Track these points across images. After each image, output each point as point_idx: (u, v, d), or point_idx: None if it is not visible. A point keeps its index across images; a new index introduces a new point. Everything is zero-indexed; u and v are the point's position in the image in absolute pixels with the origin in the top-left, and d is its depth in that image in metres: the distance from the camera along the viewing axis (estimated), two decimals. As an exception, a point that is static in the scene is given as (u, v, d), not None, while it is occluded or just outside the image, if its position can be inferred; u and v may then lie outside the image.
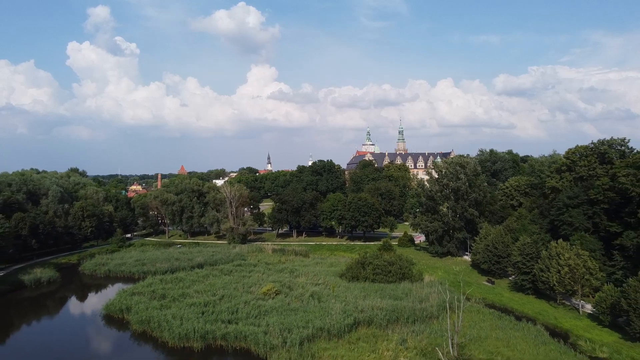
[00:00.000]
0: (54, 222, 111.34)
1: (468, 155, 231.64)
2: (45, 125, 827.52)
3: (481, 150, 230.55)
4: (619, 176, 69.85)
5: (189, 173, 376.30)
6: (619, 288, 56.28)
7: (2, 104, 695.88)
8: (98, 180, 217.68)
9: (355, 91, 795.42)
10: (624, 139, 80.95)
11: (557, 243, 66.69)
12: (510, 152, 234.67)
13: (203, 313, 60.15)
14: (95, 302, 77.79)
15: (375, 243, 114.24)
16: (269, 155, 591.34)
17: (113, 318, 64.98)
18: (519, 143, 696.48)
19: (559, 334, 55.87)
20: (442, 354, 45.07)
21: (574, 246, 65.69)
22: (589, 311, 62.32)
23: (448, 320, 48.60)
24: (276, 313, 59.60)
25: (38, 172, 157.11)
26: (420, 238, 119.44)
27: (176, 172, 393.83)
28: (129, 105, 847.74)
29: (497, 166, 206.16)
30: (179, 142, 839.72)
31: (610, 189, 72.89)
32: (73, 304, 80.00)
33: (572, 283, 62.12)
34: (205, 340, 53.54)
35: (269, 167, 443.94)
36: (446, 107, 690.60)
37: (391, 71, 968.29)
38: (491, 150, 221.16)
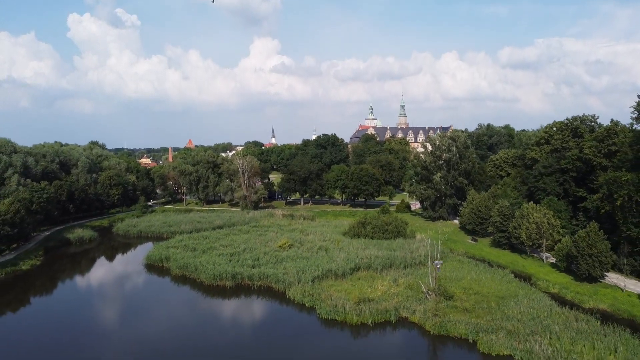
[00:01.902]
0: (86, 189, 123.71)
1: (467, 129, 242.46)
2: (48, 98, 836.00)
3: (479, 125, 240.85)
4: (584, 148, 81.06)
5: (196, 147, 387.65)
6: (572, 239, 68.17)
7: (4, 77, 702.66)
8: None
9: (358, 64, 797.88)
10: (594, 115, 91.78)
11: (528, 205, 78.55)
12: (507, 127, 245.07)
13: (230, 260, 72.78)
14: (135, 255, 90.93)
15: (376, 210, 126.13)
16: (273, 129, 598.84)
17: (154, 266, 77.78)
18: (523, 117, 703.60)
19: (523, 277, 68.02)
20: (424, 286, 57.47)
21: (542, 207, 77.45)
22: (552, 261, 74.46)
23: (429, 260, 60.68)
24: (291, 260, 72.11)
25: (62, 145, 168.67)
26: (416, 205, 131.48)
27: (181, 146, 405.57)
28: (131, 78, 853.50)
29: (493, 140, 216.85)
30: (182, 116, 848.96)
31: (578, 159, 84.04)
32: (117, 257, 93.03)
33: (537, 237, 74.15)
34: (235, 279, 66.16)
35: (273, 141, 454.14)
36: (450, 81, 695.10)
37: (395, 43, 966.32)
38: (488, 125, 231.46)
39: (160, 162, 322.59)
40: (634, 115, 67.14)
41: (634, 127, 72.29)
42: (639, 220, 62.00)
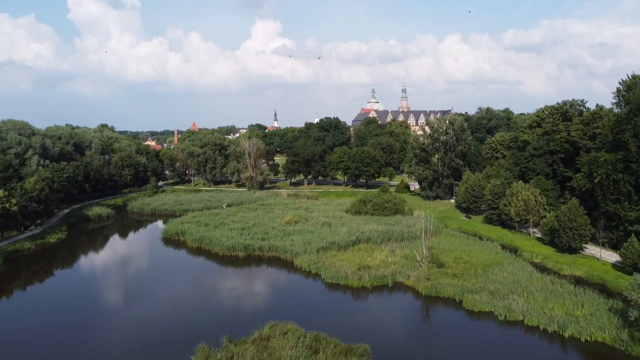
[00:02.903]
0: (101, 170, 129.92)
1: (467, 112, 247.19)
2: (49, 81, 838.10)
3: (480, 108, 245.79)
4: (571, 131, 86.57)
5: (200, 130, 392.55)
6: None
7: (4, 59, 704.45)
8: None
9: (360, 46, 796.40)
10: (583, 100, 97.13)
11: (517, 184, 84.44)
12: (506, 110, 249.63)
13: (242, 234, 79.15)
14: (152, 230, 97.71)
15: (376, 190, 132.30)
16: (275, 112, 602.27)
17: (171, 239, 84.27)
18: (527, 100, 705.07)
19: (510, 249, 74.30)
20: (418, 255, 63.78)
21: (530, 186, 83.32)
22: (538, 235, 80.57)
23: (423, 234, 66.77)
24: (297, 234, 78.41)
25: (72, 128, 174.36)
26: (415, 186, 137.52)
27: (184, 129, 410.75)
28: (132, 60, 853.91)
29: (492, 123, 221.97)
30: (183, 99, 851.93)
31: (566, 142, 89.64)
32: (135, 231, 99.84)
33: (525, 214, 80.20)
34: (246, 250, 72.54)
35: (275, 124, 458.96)
36: (453, 64, 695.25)
37: (398, 26, 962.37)
38: (487, 109, 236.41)
39: (165, 145, 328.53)
40: (615, 101, 72.43)
41: (614, 111, 77.58)
42: (615, 197, 67.85)
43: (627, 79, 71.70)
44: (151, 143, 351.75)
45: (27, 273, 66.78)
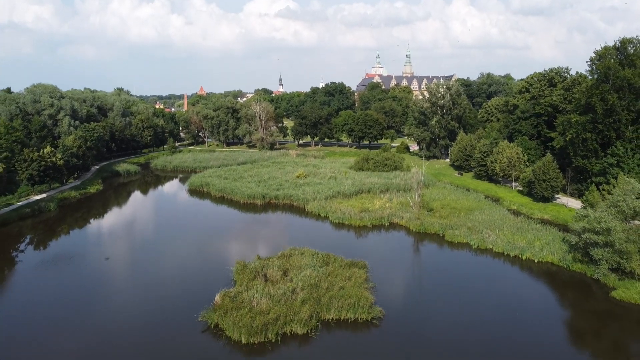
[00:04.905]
0: (123, 131, 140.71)
1: (468, 78, 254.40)
2: (50, 44, 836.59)
3: (481, 74, 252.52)
4: (554, 96, 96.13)
5: (207, 94, 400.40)
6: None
7: (5, 22, 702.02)
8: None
9: (366, 8, 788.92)
10: (567, 67, 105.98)
11: (503, 143, 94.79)
12: (507, 75, 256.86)
13: (259, 185, 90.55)
14: (177, 183, 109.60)
15: (378, 150, 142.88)
16: (280, 76, 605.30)
17: (196, 190, 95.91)
18: (534, 65, 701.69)
19: (493, 199, 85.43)
20: (411, 201, 75.11)
21: (514, 145, 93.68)
22: (519, 188, 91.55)
23: (415, 184, 77.82)
24: (307, 186, 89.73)
25: (91, 91, 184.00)
26: (414, 147, 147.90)
27: (189, 94, 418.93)
28: (134, 23, 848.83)
29: (492, 88, 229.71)
30: (187, 63, 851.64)
31: (550, 106, 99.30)
32: (163, 184, 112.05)
33: (508, 169, 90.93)
34: (264, 198, 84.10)
35: (281, 89, 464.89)
36: (460, 27, 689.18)
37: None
38: (488, 74, 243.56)
39: (173, 109, 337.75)
40: (589, 69, 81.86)
41: (587, 78, 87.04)
42: (584, 154, 78.34)
43: (600, 49, 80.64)
44: (160, 107, 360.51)
45: (78, 215, 78.93)
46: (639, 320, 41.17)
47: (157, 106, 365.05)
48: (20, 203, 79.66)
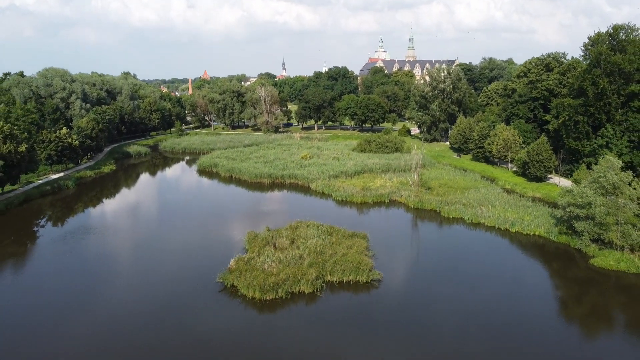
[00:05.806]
0: (132, 114, 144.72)
1: (471, 62, 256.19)
2: (52, 27, 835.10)
3: (484, 59, 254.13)
4: (550, 80, 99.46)
5: (211, 78, 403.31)
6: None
7: (6, 4, 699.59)
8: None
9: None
10: (564, 52, 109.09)
11: (500, 125, 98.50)
12: (508, 60, 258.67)
13: (265, 166, 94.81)
14: (187, 164, 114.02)
15: (380, 133, 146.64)
16: (283, 61, 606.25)
17: (205, 171, 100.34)
18: (539, 50, 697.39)
19: (489, 179, 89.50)
20: (410, 179, 79.32)
21: (510, 128, 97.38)
22: (515, 169, 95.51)
23: (414, 164, 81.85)
24: (312, 166, 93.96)
25: (99, 75, 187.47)
26: (415, 130, 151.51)
27: (192, 78, 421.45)
28: (136, 6, 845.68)
29: (494, 73, 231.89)
30: (189, 47, 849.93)
31: (546, 90, 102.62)
32: (173, 165, 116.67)
33: (504, 151, 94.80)
34: (270, 178, 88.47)
35: (284, 73, 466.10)
36: (464, 10, 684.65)
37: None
38: (490, 59, 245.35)
39: (177, 93, 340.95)
40: (582, 54, 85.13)
41: (581, 63, 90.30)
42: (576, 136, 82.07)
43: (593, 35, 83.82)
44: (165, 90, 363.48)
45: (94, 193, 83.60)
46: (614, 284, 45.62)
47: (163, 90, 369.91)
48: (40, 181, 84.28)
